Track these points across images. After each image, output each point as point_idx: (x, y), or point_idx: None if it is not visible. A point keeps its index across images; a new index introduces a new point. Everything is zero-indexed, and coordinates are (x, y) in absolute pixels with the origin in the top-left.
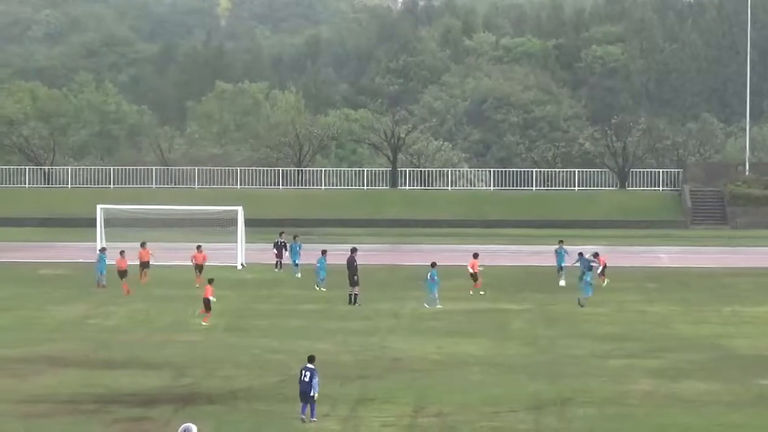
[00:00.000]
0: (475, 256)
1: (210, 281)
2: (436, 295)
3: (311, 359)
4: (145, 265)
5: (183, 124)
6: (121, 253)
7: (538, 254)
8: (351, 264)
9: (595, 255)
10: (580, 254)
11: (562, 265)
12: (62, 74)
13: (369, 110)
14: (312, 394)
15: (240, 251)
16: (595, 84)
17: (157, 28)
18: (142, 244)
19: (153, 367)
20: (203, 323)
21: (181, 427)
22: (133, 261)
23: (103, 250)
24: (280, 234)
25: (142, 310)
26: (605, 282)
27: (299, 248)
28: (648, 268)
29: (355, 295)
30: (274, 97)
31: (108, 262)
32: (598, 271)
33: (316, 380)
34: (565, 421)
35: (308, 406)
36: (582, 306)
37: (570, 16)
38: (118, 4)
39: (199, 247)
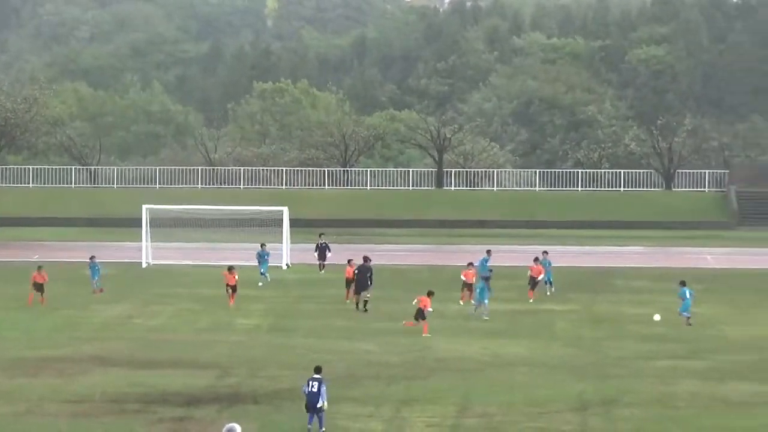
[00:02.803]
0: (470, 265)
1: (430, 293)
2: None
3: (318, 370)
4: (38, 287)
5: (228, 125)
6: (39, 268)
7: (584, 255)
8: (363, 271)
9: (488, 252)
10: (488, 251)
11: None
12: (109, 74)
13: (415, 111)
14: (320, 404)
15: (285, 251)
16: (641, 85)
17: (205, 27)
18: (39, 268)
19: (197, 367)
20: (425, 334)
21: (225, 427)
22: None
23: (92, 258)
24: (320, 236)
25: (186, 309)
26: (539, 296)
27: (267, 256)
28: (694, 269)
29: (365, 301)
30: (313, 96)
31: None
32: (541, 277)
33: (324, 389)
34: (611, 422)
35: (315, 416)
36: (483, 317)
37: (616, 17)
38: (165, 3)
39: (230, 268)
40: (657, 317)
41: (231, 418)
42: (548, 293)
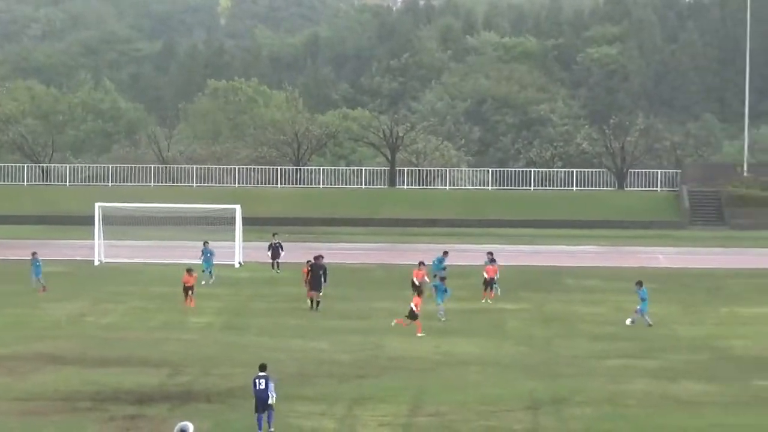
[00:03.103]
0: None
1: (420, 293)
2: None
3: (263, 368)
4: None
5: (180, 123)
6: None
7: (536, 254)
8: (316, 269)
9: (444, 253)
10: (445, 252)
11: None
12: (62, 72)
13: (368, 109)
14: (270, 401)
15: (238, 250)
16: (594, 84)
17: (158, 26)
18: None
19: (150, 365)
20: (419, 334)
21: (178, 426)
22: None
23: (34, 254)
24: (274, 235)
25: (139, 308)
26: (490, 297)
27: (210, 254)
28: (645, 269)
29: (317, 301)
30: (266, 95)
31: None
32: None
33: (272, 386)
34: (562, 421)
35: (265, 414)
36: (440, 317)
37: (569, 16)
38: (118, 2)
39: (189, 270)
40: (629, 321)
41: (183, 416)
42: (498, 293)
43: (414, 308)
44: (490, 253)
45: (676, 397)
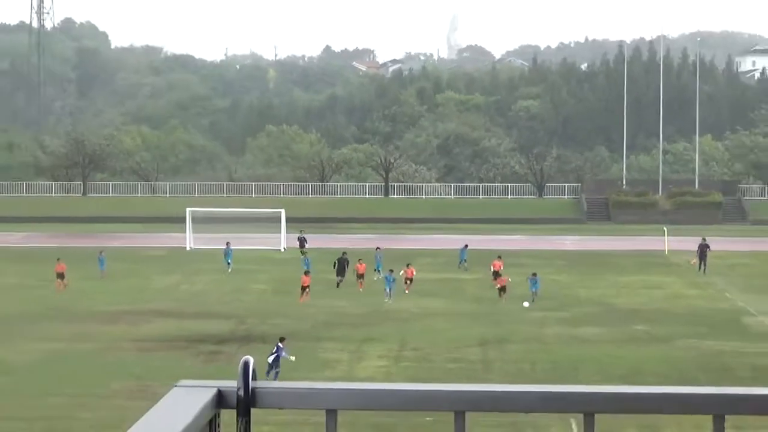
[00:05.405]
0: (500, 257)
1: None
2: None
3: (281, 339)
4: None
5: (244, 154)
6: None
7: (485, 241)
8: (342, 261)
9: (377, 248)
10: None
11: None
12: (163, 120)
13: (370, 144)
14: (271, 363)
15: (282, 239)
16: (522, 126)
17: (227, 88)
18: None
19: (224, 317)
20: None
21: (242, 359)
22: None
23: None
24: (300, 231)
25: (216, 279)
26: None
27: (231, 252)
28: (557, 251)
29: (339, 282)
30: (301, 135)
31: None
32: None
33: (282, 354)
34: (503, 353)
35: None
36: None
37: (504, 80)
38: (200, 72)
39: (307, 273)
40: (526, 304)
41: (247, 351)
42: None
43: (500, 286)
44: (500, 256)
45: (579, 337)
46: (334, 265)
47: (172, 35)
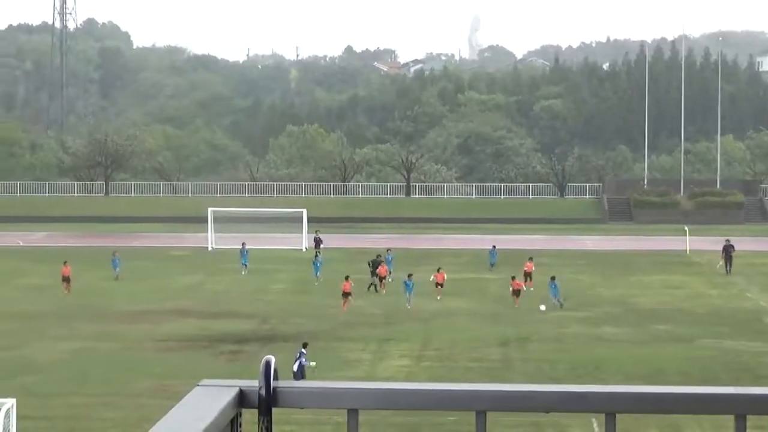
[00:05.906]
0: (531, 258)
1: (347, 277)
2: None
3: (304, 345)
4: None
5: (266, 154)
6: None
7: (506, 241)
8: (376, 263)
9: (387, 249)
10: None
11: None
12: (185, 120)
13: (391, 144)
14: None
15: (304, 239)
16: (544, 126)
17: (249, 88)
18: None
19: (245, 317)
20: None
21: (264, 359)
22: None
23: (115, 253)
24: (316, 232)
25: (238, 278)
26: (530, 286)
27: (246, 252)
28: (578, 251)
29: (372, 282)
30: (324, 135)
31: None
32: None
33: (302, 361)
34: (524, 353)
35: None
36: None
37: (526, 80)
38: (222, 72)
39: (347, 277)
40: (543, 307)
41: (269, 351)
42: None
43: (515, 289)
44: (531, 258)
45: (599, 337)
46: (369, 265)
47: (194, 35)
